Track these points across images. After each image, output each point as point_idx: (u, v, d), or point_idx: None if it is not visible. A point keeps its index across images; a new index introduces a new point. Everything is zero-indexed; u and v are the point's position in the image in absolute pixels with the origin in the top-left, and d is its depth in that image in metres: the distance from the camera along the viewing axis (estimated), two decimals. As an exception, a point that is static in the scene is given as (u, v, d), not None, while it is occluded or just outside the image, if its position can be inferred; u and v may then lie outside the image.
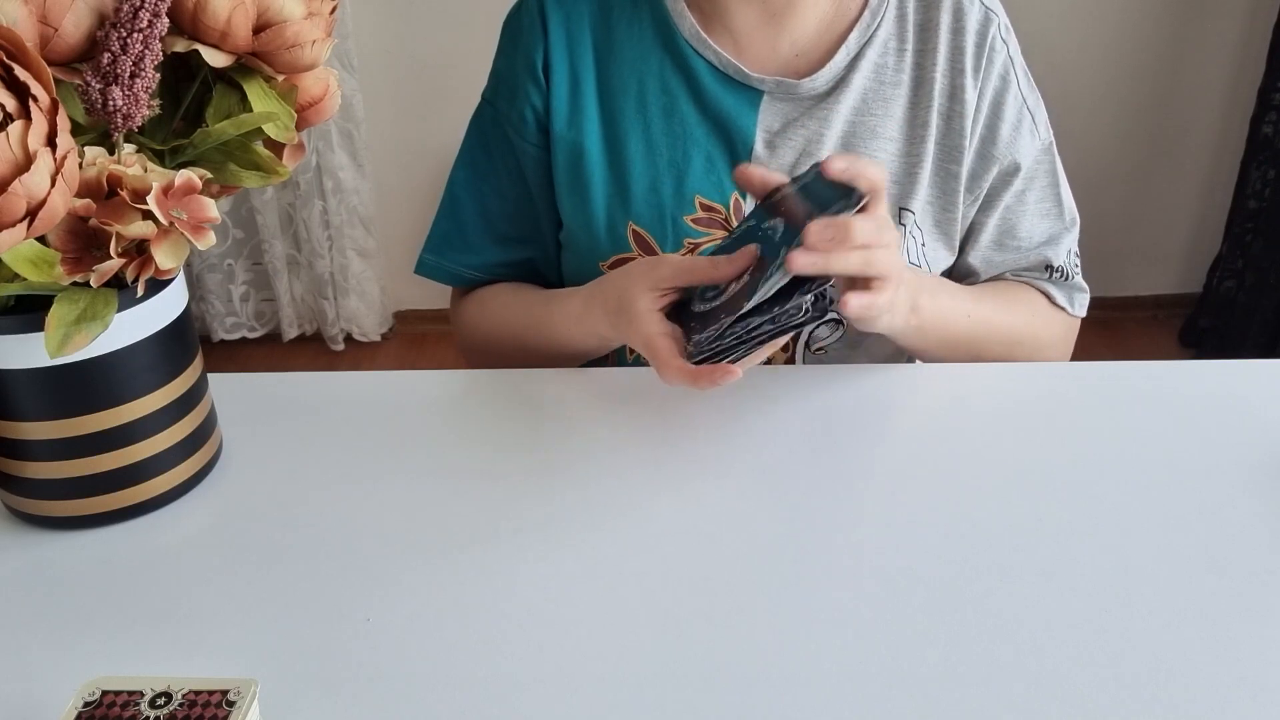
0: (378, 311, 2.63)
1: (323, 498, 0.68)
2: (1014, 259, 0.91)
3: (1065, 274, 0.93)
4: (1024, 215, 0.90)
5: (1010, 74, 0.87)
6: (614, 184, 0.87)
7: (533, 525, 0.65)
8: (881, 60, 0.86)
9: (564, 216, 0.91)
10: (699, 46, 0.86)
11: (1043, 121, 0.89)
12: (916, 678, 0.53)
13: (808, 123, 0.86)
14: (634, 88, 0.87)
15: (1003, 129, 0.87)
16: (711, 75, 0.86)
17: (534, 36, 0.88)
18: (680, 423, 0.74)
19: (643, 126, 0.87)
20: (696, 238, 0.87)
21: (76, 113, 0.58)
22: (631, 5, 0.88)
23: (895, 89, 0.86)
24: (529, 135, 0.89)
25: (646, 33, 0.88)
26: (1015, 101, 0.87)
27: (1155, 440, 0.71)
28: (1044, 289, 0.93)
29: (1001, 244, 0.91)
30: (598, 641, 0.56)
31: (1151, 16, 2.33)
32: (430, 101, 2.44)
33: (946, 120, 0.86)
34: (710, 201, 0.87)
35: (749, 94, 0.86)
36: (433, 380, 0.82)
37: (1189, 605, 0.57)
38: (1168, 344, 2.49)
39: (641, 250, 0.87)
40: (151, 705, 0.47)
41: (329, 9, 0.64)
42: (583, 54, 0.88)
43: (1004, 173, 0.88)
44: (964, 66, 0.86)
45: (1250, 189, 2.29)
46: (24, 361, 0.59)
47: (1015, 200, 0.89)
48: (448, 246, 0.95)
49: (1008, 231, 0.90)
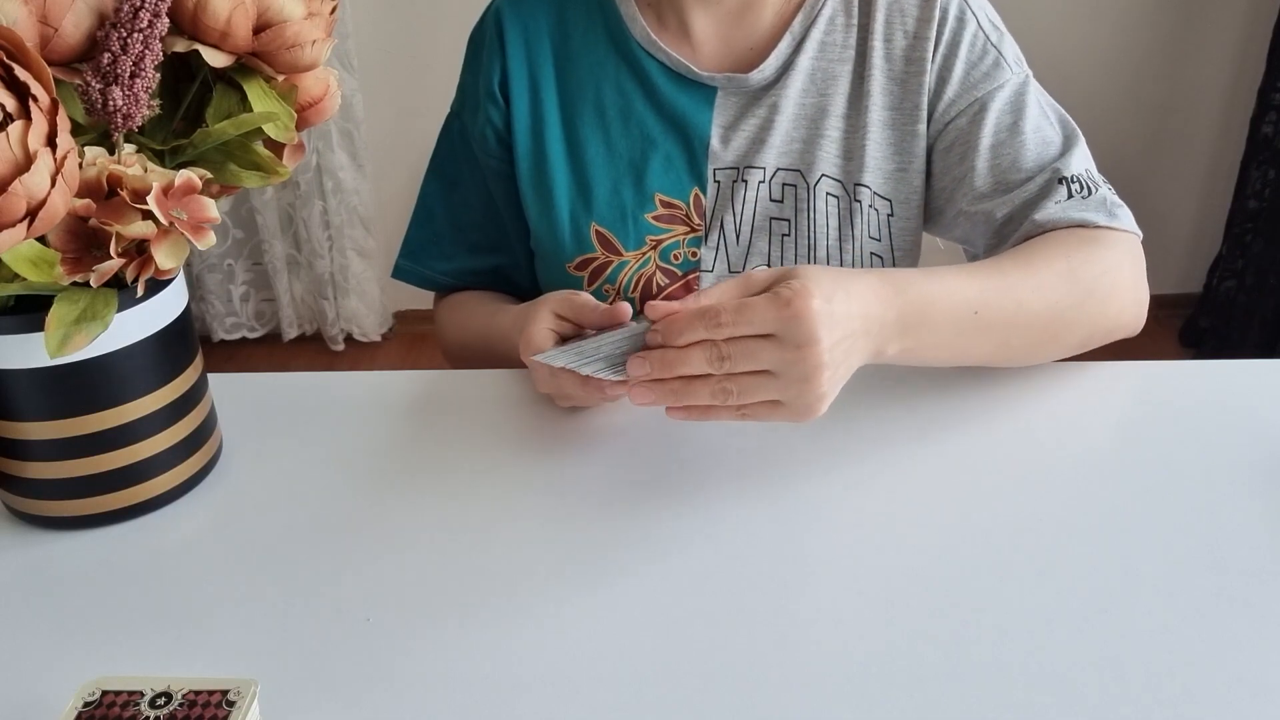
0: (378, 311, 2.63)
1: (323, 498, 0.68)
2: (1024, 193, 0.82)
3: (1085, 187, 0.80)
4: (1023, 146, 0.83)
5: (966, 14, 0.85)
6: (576, 187, 0.90)
7: (533, 525, 0.65)
8: (828, 38, 0.87)
9: (530, 222, 0.93)
10: (651, 49, 0.88)
11: (1014, 57, 0.86)
12: (916, 678, 0.53)
13: (758, 111, 0.88)
14: (591, 93, 0.90)
15: (960, 69, 0.85)
16: (664, 76, 0.88)
17: (492, 55, 0.91)
18: (681, 423, 0.74)
19: (602, 130, 0.89)
20: (658, 234, 0.89)
21: (76, 113, 0.58)
22: (586, 14, 0.91)
23: (842, 64, 0.87)
24: (490, 150, 0.92)
25: (601, 39, 0.90)
26: (975, 40, 0.85)
27: (1155, 440, 0.71)
28: (1077, 219, 0.78)
29: (1006, 181, 0.83)
30: (598, 641, 0.56)
31: (1151, 17, 2.34)
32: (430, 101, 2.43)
33: (902, 84, 0.86)
34: (670, 198, 0.89)
35: (703, 91, 0.88)
36: (433, 380, 0.82)
37: (1189, 605, 0.57)
38: (1168, 344, 2.49)
39: (604, 249, 0.89)
40: (151, 705, 0.47)
41: (329, 9, 0.64)
42: (542, 63, 0.90)
43: (973, 112, 0.84)
44: (910, 25, 0.86)
45: (1250, 189, 2.29)
46: (24, 361, 0.59)
47: (1008, 135, 0.84)
48: (422, 253, 0.99)
49: (1010, 166, 0.83)
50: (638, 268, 0.89)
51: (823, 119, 0.87)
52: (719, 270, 0.89)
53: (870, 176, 0.87)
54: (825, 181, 0.87)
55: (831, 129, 0.87)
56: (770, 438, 0.72)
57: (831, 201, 0.88)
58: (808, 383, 0.60)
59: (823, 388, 0.60)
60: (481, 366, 0.87)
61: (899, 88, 0.86)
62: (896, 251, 0.90)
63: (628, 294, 0.90)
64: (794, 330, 0.58)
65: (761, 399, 0.61)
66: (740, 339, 0.59)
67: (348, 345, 2.66)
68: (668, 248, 0.89)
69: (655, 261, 0.89)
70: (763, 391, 0.60)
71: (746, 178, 0.88)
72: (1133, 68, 2.38)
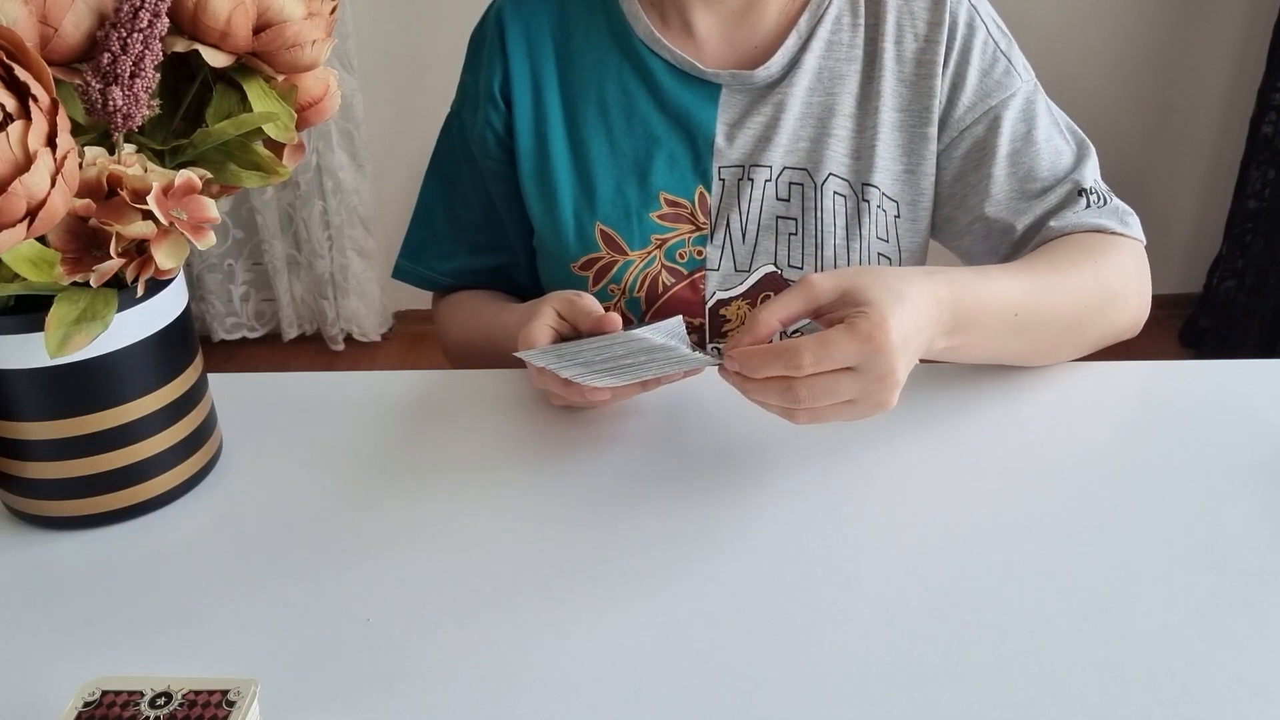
0: (378, 311, 2.63)
1: (323, 498, 0.68)
2: (1044, 204, 0.85)
3: (1101, 197, 0.85)
4: (1038, 155, 0.85)
5: (975, 21, 0.86)
6: (580, 186, 0.89)
7: (533, 524, 0.65)
8: (835, 37, 0.87)
9: (534, 222, 0.93)
10: (654, 46, 0.88)
11: (1022, 64, 0.87)
12: (916, 678, 0.53)
13: (763, 109, 0.87)
14: (594, 91, 0.90)
15: (974, 76, 0.85)
16: (668, 73, 0.88)
17: (493, 56, 0.91)
18: (681, 423, 0.74)
19: (605, 128, 0.89)
20: (663, 233, 0.89)
21: (76, 113, 0.58)
22: (588, 12, 0.90)
23: (850, 64, 0.87)
24: (490, 152, 0.92)
25: (603, 37, 0.90)
26: (986, 48, 0.86)
27: (1155, 440, 0.71)
28: (1094, 225, 0.83)
29: (1024, 190, 0.86)
30: (598, 641, 0.56)
31: (1151, 17, 2.34)
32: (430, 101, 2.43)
33: (913, 86, 0.86)
34: (675, 197, 0.88)
35: (707, 88, 0.88)
36: (433, 380, 0.82)
37: (1189, 605, 0.57)
38: (1168, 344, 2.49)
39: (609, 249, 0.89)
40: (151, 705, 0.47)
41: (329, 9, 0.64)
42: (544, 62, 0.90)
43: (988, 120, 0.85)
44: (921, 28, 0.86)
45: (1250, 189, 2.29)
46: (24, 361, 0.59)
47: (1023, 144, 0.85)
48: (422, 252, 0.99)
49: (1027, 175, 0.85)
50: (643, 267, 0.89)
51: (830, 118, 0.87)
52: (725, 269, 0.89)
53: (879, 177, 0.87)
54: (833, 181, 0.87)
55: (840, 128, 0.87)
56: (770, 438, 0.72)
57: (839, 201, 0.88)
58: (881, 398, 0.62)
59: (893, 397, 0.62)
60: (483, 366, 0.87)
61: (909, 90, 0.86)
62: (904, 253, 0.90)
63: (633, 293, 0.89)
64: (875, 363, 0.60)
65: (831, 403, 0.61)
66: (820, 375, 0.60)
67: (348, 345, 2.66)
68: (673, 246, 0.89)
69: (660, 260, 0.89)
70: (834, 402, 0.62)
71: (753, 176, 0.88)
72: (1133, 68, 2.38)
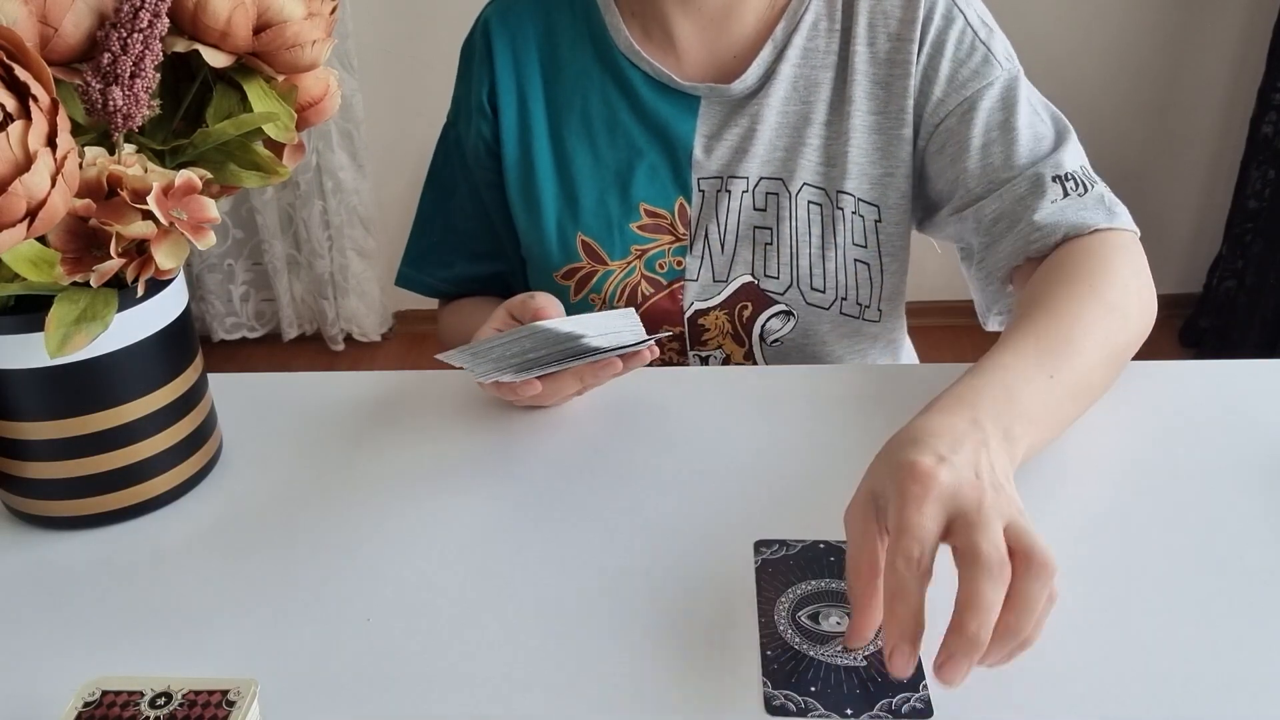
0: (378, 311, 2.63)
1: (323, 498, 0.68)
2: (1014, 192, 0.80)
3: (1080, 184, 0.79)
4: (1015, 142, 0.81)
5: (953, 11, 0.84)
6: (564, 198, 0.90)
7: (533, 525, 0.65)
8: (810, 44, 0.87)
9: (519, 232, 0.94)
10: (634, 59, 0.88)
11: (1004, 54, 0.85)
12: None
13: (740, 120, 0.87)
14: (578, 103, 0.90)
15: (946, 68, 0.83)
16: (648, 85, 0.89)
17: (480, 68, 0.92)
18: (680, 422, 0.74)
19: (588, 140, 0.90)
20: (643, 244, 0.89)
21: (76, 113, 0.58)
22: (572, 23, 0.91)
23: (825, 70, 0.87)
24: (481, 162, 0.93)
25: (587, 49, 0.90)
26: (964, 38, 0.84)
27: (1155, 440, 0.71)
28: (1080, 223, 0.76)
29: (995, 180, 0.81)
30: (598, 640, 0.56)
31: (1151, 17, 2.34)
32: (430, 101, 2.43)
33: (886, 87, 0.85)
34: (655, 208, 0.89)
35: (686, 100, 0.88)
36: (433, 380, 0.82)
37: (1189, 605, 0.57)
38: (1168, 344, 2.49)
39: (590, 259, 0.90)
40: (151, 705, 0.47)
41: (329, 9, 0.64)
42: (530, 74, 0.91)
43: (961, 111, 0.83)
44: (894, 27, 0.85)
45: (1250, 189, 2.29)
46: (24, 361, 0.59)
47: (999, 131, 0.82)
48: (423, 261, 1.01)
49: (1003, 165, 0.81)
50: (623, 277, 0.90)
51: (805, 127, 0.87)
52: (704, 279, 0.89)
53: (853, 184, 0.87)
54: (807, 190, 0.87)
55: (813, 137, 0.87)
56: (771, 439, 0.72)
57: (814, 209, 0.87)
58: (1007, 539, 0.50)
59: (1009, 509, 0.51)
60: None
61: (884, 91, 0.86)
62: (884, 257, 0.90)
63: (613, 303, 0.90)
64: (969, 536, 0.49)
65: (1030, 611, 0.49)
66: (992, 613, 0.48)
67: (348, 345, 2.66)
68: (653, 257, 0.89)
69: (640, 271, 0.89)
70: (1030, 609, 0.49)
71: (730, 187, 0.88)
72: (1133, 68, 2.38)
